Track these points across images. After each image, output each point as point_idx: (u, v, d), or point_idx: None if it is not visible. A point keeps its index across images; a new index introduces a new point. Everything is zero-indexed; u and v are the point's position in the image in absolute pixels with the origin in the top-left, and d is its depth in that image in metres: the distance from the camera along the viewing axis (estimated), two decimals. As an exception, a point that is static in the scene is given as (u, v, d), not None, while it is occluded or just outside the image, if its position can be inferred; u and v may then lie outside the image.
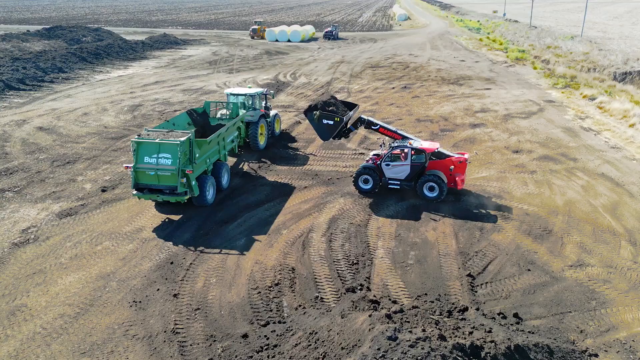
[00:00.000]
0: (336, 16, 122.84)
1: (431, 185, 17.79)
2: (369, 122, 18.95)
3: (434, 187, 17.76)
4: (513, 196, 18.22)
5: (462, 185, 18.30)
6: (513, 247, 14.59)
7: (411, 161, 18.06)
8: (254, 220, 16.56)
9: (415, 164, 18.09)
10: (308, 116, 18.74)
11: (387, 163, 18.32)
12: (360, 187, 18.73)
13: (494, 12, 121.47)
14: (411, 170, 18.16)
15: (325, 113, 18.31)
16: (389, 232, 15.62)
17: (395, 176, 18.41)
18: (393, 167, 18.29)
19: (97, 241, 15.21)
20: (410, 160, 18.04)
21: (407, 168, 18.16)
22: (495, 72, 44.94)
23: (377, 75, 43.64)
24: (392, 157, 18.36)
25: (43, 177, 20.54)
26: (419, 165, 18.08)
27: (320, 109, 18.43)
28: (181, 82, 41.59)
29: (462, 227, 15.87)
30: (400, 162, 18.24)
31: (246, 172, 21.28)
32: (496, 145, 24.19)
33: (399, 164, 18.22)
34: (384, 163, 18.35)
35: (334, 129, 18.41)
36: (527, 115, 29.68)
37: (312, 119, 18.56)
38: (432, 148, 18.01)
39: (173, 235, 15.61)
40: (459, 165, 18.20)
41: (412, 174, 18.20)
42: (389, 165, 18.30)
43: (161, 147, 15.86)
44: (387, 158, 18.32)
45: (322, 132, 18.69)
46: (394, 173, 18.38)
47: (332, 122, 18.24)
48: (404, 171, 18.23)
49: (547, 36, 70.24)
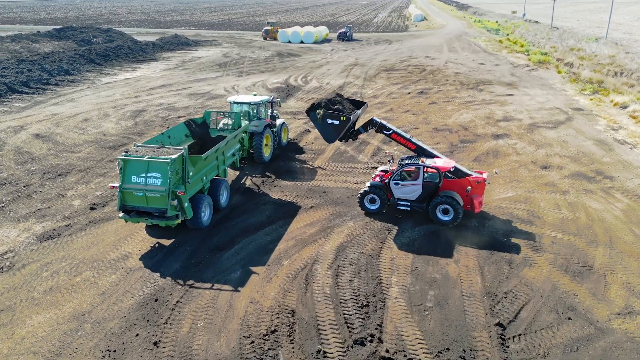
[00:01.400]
0: (351, 16, 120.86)
1: (445, 208, 15.93)
2: (382, 126, 17.10)
3: (449, 209, 15.90)
4: (544, 222, 16.20)
5: (479, 208, 16.40)
6: (548, 288, 12.61)
7: (423, 180, 16.21)
8: (253, 247, 14.83)
9: (428, 184, 16.23)
10: (311, 116, 16.97)
11: (396, 182, 16.49)
12: (366, 207, 16.98)
13: (512, 12, 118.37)
14: (423, 191, 16.30)
15: (329, 112, 16.52)
16: (404, 264, 13.75)
17: (405, 196, 16.58)
18: (403, 186, 16.45)
19: (77, 271, 13.63)
20: (422, 179, 16.20)
21: (418, 188, 16.31)
22: (517, 77, 42.63)
23: (392, 79, 41.68)
24: (401, 176, 16.54)
25: (31, 192, 19.10)
26: (432, 186, 16.23)
27: (324, 108, 16.65)
28: (188, 85, 40.15)
29: (487, 260, 13.93)
30: (410, 181, 16.40)
31: (248, 188, 19.58)
32: (522, 159, 22.11)
33: (410, 184, 16.37)
34: (393, 182, 16.51)
35: (340, 130, 16.63)
36: (554, 125, 27.49)
37: (315, 119, 16.78)
38: (446, 167, 16.11)
39: (161, 264, 13.96)
40: (476, 185, 16.29)
41: (424, 195, 16.36)
42: (398, 184, 16.47)
43: (150, 165, 14.22)
44: (396, 176, 16.50)
45: (327, 133, 16.91)
46: (404, 193, 16.54)
47: (337, 122, 16.45)
48: (415, 191, 16.38)
49: (570, 38, 67.45)
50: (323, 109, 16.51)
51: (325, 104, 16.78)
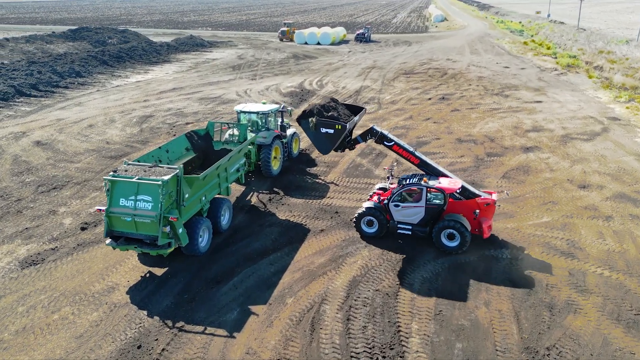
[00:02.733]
0: (369, 17, 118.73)
1: (451, 233, 14.16)
2: (382, 136, 15.34)
3: (454, 234, 14.13)
4: (587, 254, 14.16)
5: (488, 233, 14.61)
6: (599, 342, 10.64)
7: (426, 203, 14.41)
8: (254, 280, 13.16)
9: (432, 207, 14.43)
10: (302, 124, 15.31)
11: (395, 203, 14.70)
12: (363, 231, 15.31)
13: (537, 12, 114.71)
14: (426, 214, 14.52)
15: (323, 120, 14.86)
16: (426, 307, 11.91)
17: (406, 219, 14.80)
18: (404, 208, 14.66)
19: (56, 305, 12.14)
20: (425, 201, 14.38)
21: (421, 211, 14.52)
22: (545, 81, 40.20)
23: (411, 84, 39.69)
24: (402, 197, 14.73)
25: (22, 207, 17.79)
26: (436, 208, 14.45)
27: (317, 115, 14.94)
28: (200, 89, 38.80)
29: (524, 303, 12.00)
30: (412, 203, 14.62)
31: (254, 205, 17.94)
32: (556, 176, 20.01)
33: (411, 205, 14.58)
34: (392, 203, 14.74)
35: (336, 139, 14.97)
36: (589, 137, 25.23)
37: (308, 128, 15.12)
38: (452, 188, 14.27)
39: (150, 299, 12.39)
40: (485, 208, 14.47)
41: (428, 218, 14.57)
42: (399, 206, 14.68)
43: (140, 187, 12.67)
44: (396, 197, 14.70)
45: (321, 143, 15.28)
46: (405, 216, 14.76)
47: (332, 131, 14.82)
48: (417, 214, 14.60)
49: (598, 39, 64.37)
50: (316, 117, 14.87)
51: (318, 110, 15.11)
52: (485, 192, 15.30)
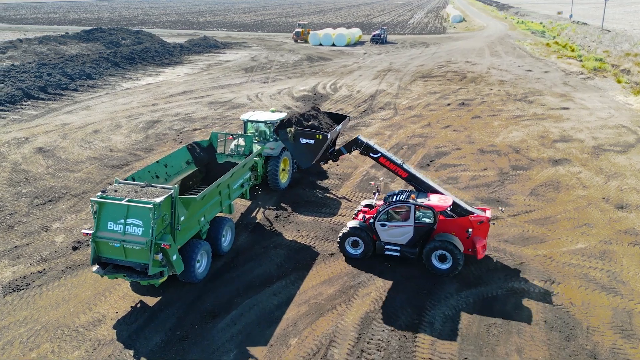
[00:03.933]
0: (386, 17, 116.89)
1: (442, 254, 12.96)
2: (368, 147, 14.04)
3: (446, 256, 12.94)
4: (632, 290, 12.52)
5: (483, 254, 13.33)
6: (654, 406, 9.07)
7: (415, 222, 13.09)
8: (255, 314, 11.83)
9: (420, 226, 13.12)
10: (280, 135, 14.04)
11: (382, 222, 13.36)
12: (348, 253, 14.11)
13: (558, 13, 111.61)
14: (415, 234, 13.22)
15: (302, 130, 13.58)
16: (449, 352, 10.44)
17: (393, 240, 13.50)
18: (390, 228, 13.33)
19: (35, 342, 10.96)
20: (413, 220, 13.04)
21: (409, 230, 13.21)
22: (571, 86, 38.18)
23: (429, 87, 38.04)
24: (388, 215, 13.35)
25: (13, 223, 16.76)
26: (425, 228, 13.14)
27: (296, 124, 13.65)
28: (210, 92, 37.71)
29: (562, 351, 10.45)
30: (400, 222, 13.27)
31: (259, 223, 16.63)
32: (590, 194, 18.30)
33: (399, 225, 13.26)
34: (379, 222, 13.41)
35: (317, 150, 13.69)
36: (623, 148, 23.37)
37: (286, 139, 13.85)
38: (443, 206, 12.95)
39: (139, 335, 11.14)
40: (479, 226, 13.17)
41: (417, 238, 13.27)
42: (385, 225, 13.33)
43: (130, 210, 11.43)
44: (382, 216, 13.35)
45: (301, 155, 14.02)
46: (392, 236, 13.47)
47: (312, 142, 13.58)
48: (406, 234, 13.32)
49: (624, 41, 61.70)
50: (294, 126, 13.57)
51: (297, 119, 13.79)
52: (478, 209, 14.05)
